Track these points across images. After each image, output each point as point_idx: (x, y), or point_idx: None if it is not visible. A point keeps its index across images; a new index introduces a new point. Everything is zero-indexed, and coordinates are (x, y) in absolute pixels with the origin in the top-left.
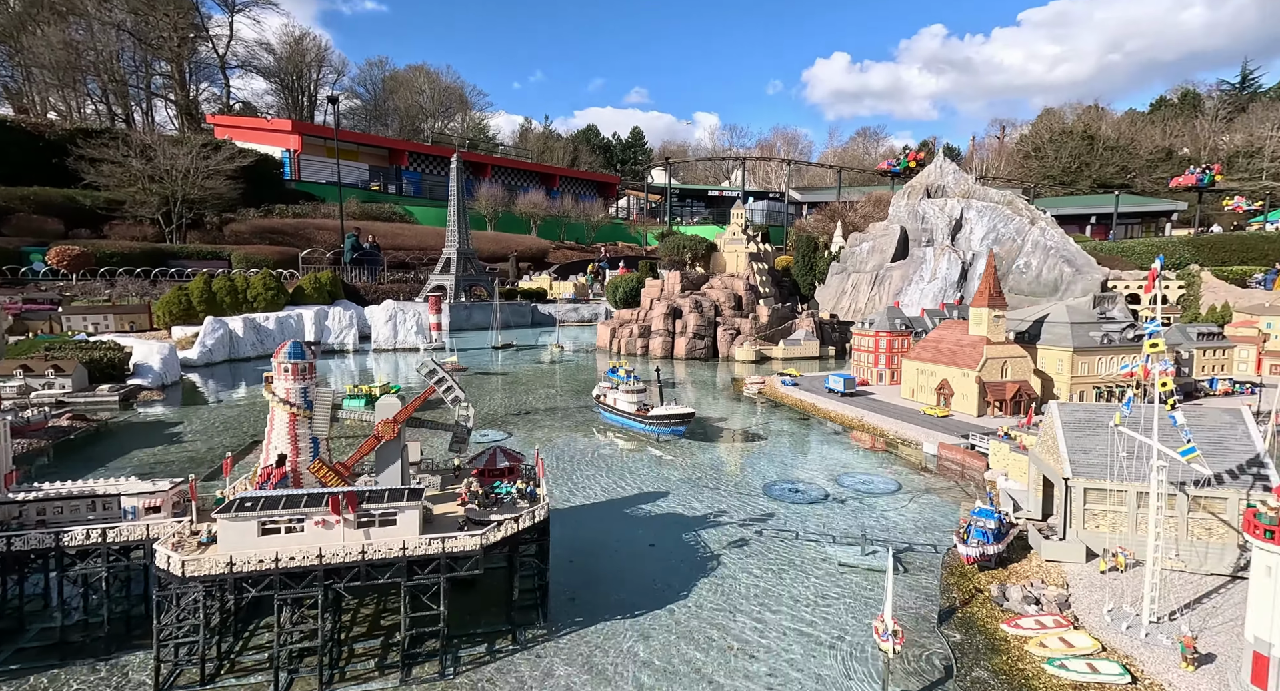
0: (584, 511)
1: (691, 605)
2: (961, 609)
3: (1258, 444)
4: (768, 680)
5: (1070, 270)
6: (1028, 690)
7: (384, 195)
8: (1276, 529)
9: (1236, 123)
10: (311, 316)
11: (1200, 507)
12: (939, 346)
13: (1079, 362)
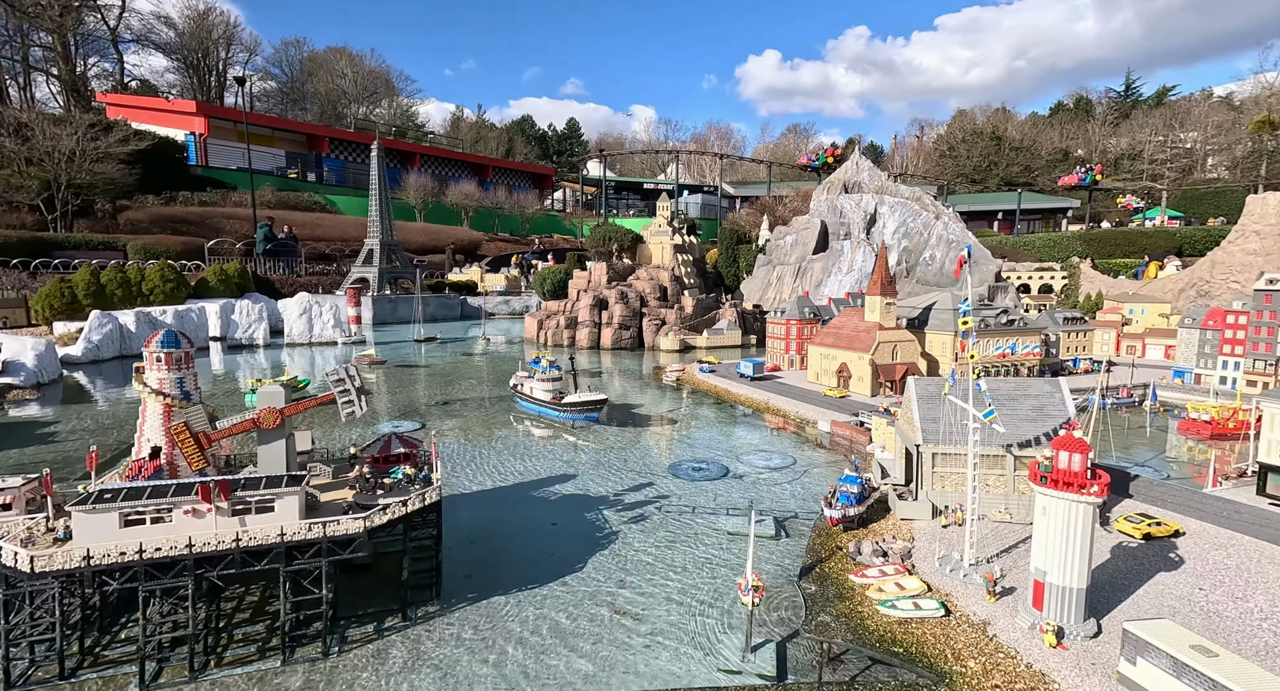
0: (492, 494)
1: (585, 576)
2: (821, 565)
3: (1070, 409)
4: (648, 638)
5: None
6: (862, 628)
7: (303, 183)
8: (1049, 475)
9: (1122, 127)
10: (216, 310)
11: (1024, 466)
12: (839, 332)
13: (960, 345)
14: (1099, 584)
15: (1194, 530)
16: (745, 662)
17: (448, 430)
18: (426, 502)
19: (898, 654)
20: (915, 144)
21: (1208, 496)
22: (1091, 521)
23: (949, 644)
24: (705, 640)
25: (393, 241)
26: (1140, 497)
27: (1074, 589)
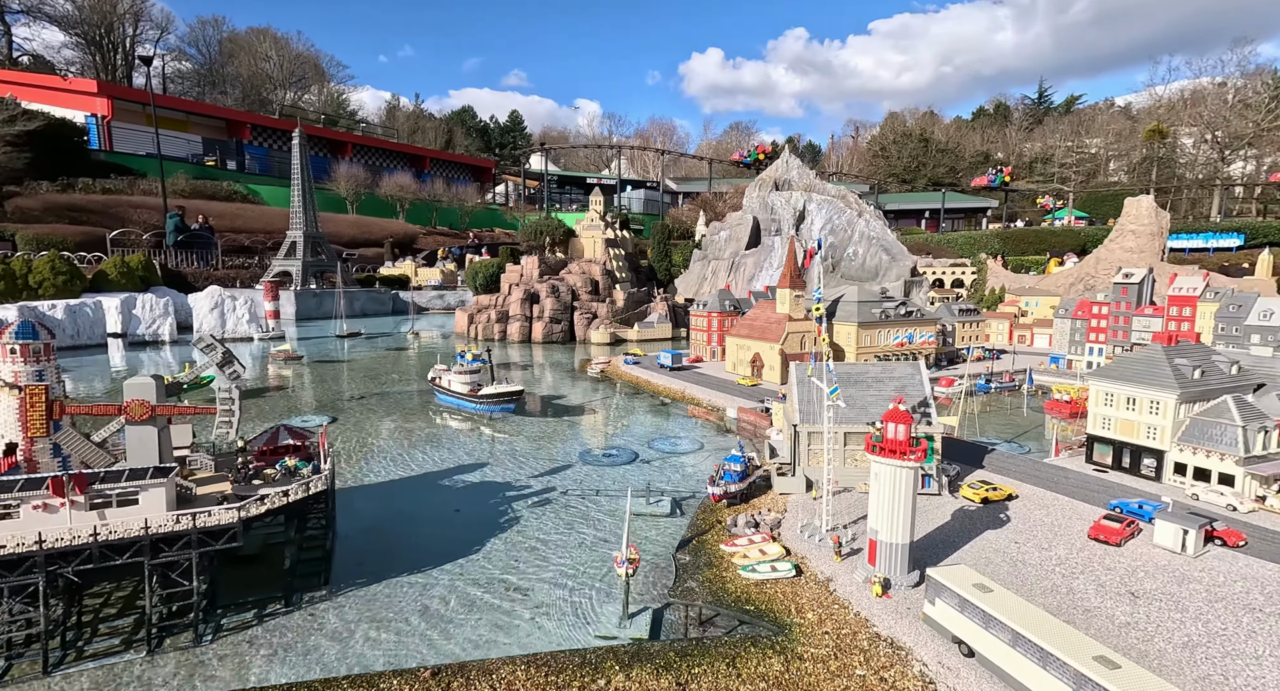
0: (400, 484)
1: (480, 558)
2: (699, 537)
3: (926, 389)
4: (533, 612)
5: (888, 258)
6: (723, 591)
7: (222, 172)
8: (878, 444)
9: (1035, 133)
10: (116, 304)
11: None
12: (753, 324)
13: (863, 335)
14: (936, 541)
15: (1027, 494)
16: (621, 628)
17: (361, 424)
18: (311, 492)
19: (749, 611)
20: (851, 144)
21: (1046, 465)
22: (913, 484)
23: (795, 599)
24: (589, 611)
25: (317, 234)
26: (991, 468)
27: (899, 544)
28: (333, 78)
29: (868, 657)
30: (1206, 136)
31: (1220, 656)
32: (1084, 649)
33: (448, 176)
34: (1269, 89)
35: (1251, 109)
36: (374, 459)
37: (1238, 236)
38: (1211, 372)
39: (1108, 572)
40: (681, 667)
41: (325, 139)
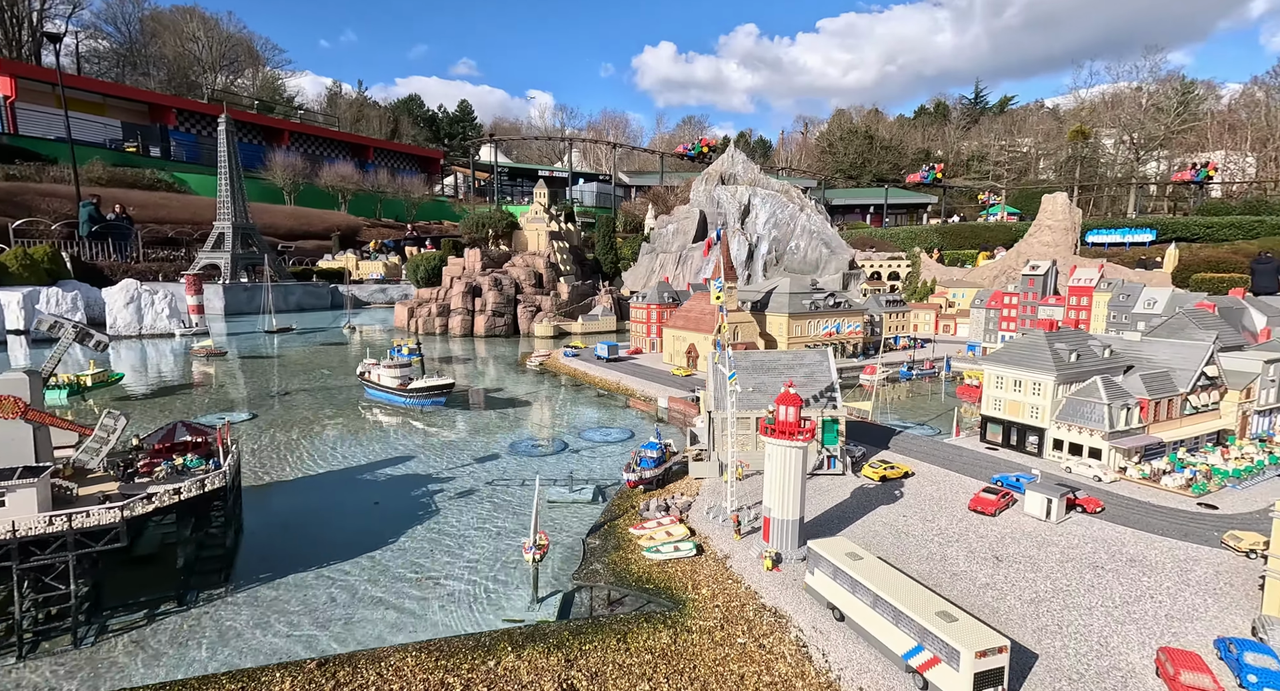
0: (320, 479)
1: (395, 550)
2: (611, 522)
3: (833, 375)
4: (443, 600)
5: (827, 251)
6: (626, 572)
7: (144, 158)
8: (771, 426)
9: (972, 131)
10: (18, 299)
11: None
12: (688, 315)
13: (794, 325)
14: (834, 517)
15: (924, 472)
16: (530, 612)
17: (283, 420)
18: (206, 490)
19: (649, 589)
20: (801, 140)
21: (946, 445)
22: (802, 463)
23: (693, 577)
24: (500, 597)
25: (248, 225)
26: (895, 449)
27: (790, 520)
28: (268, 62)
29: (751, 627)
30: (1124, 138)
31: (1060, 609)
32: (929, 606)
33: (393, 167)
34: (1177, 94)
35: (1163, 112)
36: (293, 455)
37: (1150, 232)
38: (1087, 356)
39: (980, 540)
40: (573, 645)
41: (260, 126)
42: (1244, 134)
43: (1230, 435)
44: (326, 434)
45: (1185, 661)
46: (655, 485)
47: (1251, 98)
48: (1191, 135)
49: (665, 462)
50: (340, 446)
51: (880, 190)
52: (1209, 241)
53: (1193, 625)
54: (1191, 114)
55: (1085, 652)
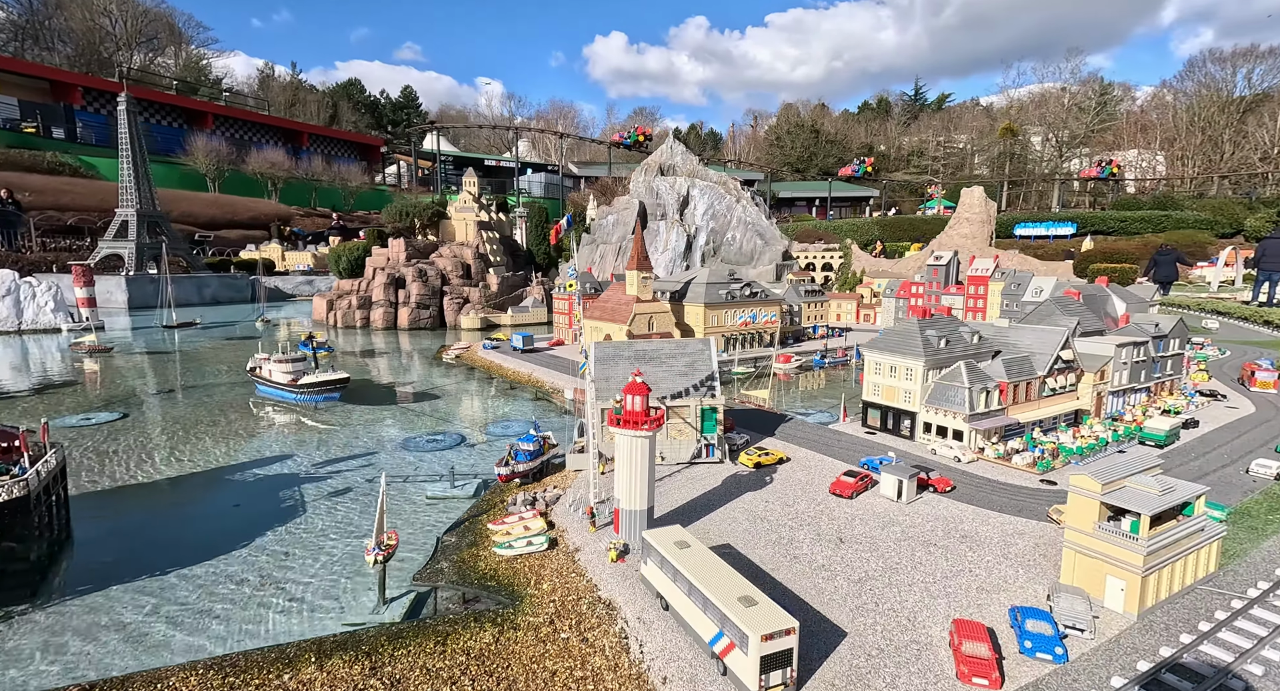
0: (180, 482)
1: (245, 554)
2: (475, 518)
3: (714, 365)
4: (284, 607)
5: (762, 242)
6: (471, 569)
7: (45, 140)
8: (619, 417)
9: (912, 127)
10: None
11: (676, 415)
12: (605, 306)
13: (709, 315)
14: (699, 505)
15: (800, 458)
16: (375, 614)
17: (155, 420)
18: (7, 498)
19: (489, 586)
20: (750, 133)
21: (830, 431)
22: (649, 453)
23: (539, 571)
24: (350, 600)
25: (154, 212)
26: (781, 436)
27: (638, 511)
28: (192, 40)
29: (580, 621)
30: (1049, 136)
31: (883, 587)
32: (733, 591)
33: (330, 154)
34: (1096, 95)
35: (1084, 112)
36: (156, 457)
37: (1072, 225)
38: (956, 342)
39: (830, 522)
40: (386, 651)
41: (180, 108)
42: (1154, 134)
43: (1085, 415)
44: (201, 433)
45: (969, 632)
46: (531, 479)
47: (1161, 100)
48: (1109, 134)
49: (542, 456)
50: (214, 447)
51: (825, 183)
52: (1123, 234)
53: (999, 596)
54: (1109, 114)
55: (892, 628)
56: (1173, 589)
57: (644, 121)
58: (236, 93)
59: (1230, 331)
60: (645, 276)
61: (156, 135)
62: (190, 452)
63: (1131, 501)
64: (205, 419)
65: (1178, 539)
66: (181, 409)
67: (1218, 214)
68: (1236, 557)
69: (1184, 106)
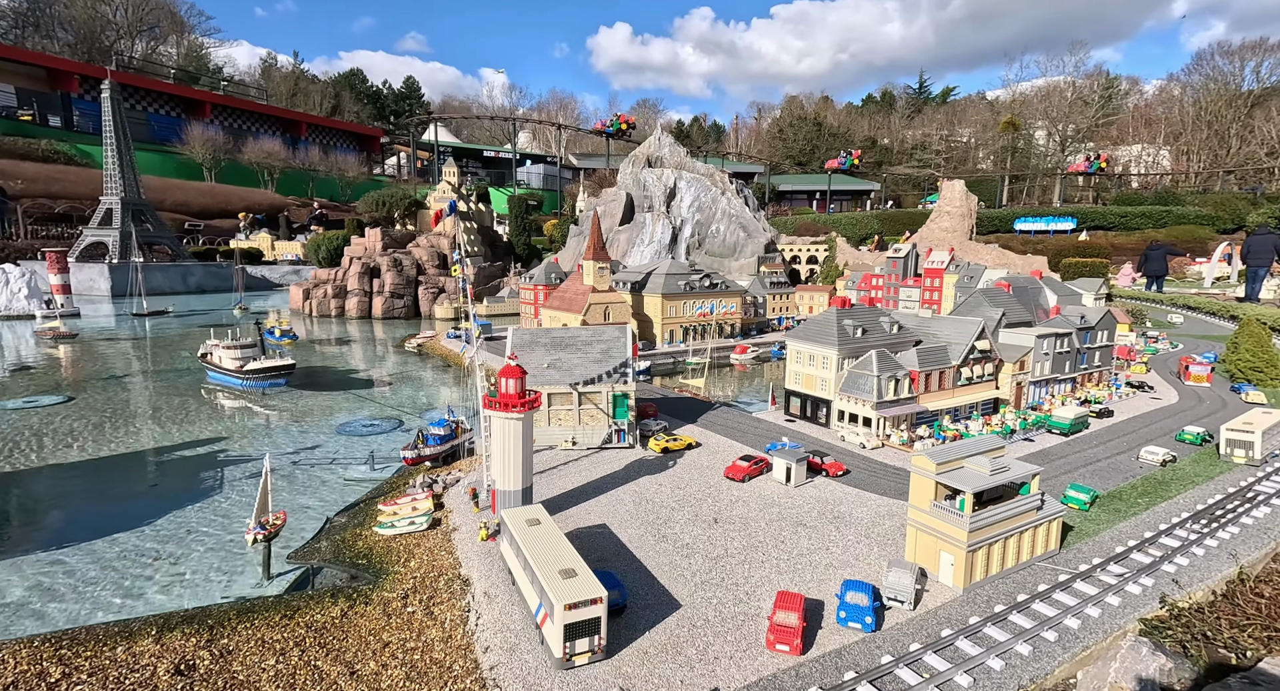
0: (103, 463)
1: (147, 531)
2: (373, 499)
3: (628, 351)
4: (171, 582)
5: (744, 235)
6: (349, 548)
7: (42, 128)
8: (494, 399)
9: (915, 120)
10: None
11: (588, 401)
12: (563, 296)
13: (668, 306)
14: (590, 488)
15: (712, 443)
16: (258, 589)
17: (99, 404)
18: None
19: (360, 564)
20: (754, 126)
21: (752, 418)
22: (522, 434)
23: (412, 550)
24: (238, 575)
25: (140, 201)
26: (702, 422)
27: (513, 491)
28: (194, 29)
29: (433, 596)
30: (1052, 130)
31: (737, 564)
32: (560, 565)
33: (329, 144)
34: (1101, 88)
35: (1088, 106)
36: (88, 439)
37: (1071, 220)
38: (875, 331)
39: (714, 504)
40: (230, 625)
41: (179, 97)
42: (1159, 128)
43: (1004, 403)
44: (141, 417)
45: (785, 603)
46: (441, 462)
47: (1168, 94)
48: (1113, 129)
49: (454, 441)
50: (148, 430)
51: (825, 177)
52: (1122, 230)
53: (845, 571)
54: (1113, 108)
55: (728, 601)
56: (1006, 564)
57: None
58: (236, 82)
59: (1194, 326)
60: (602, 266)
61: (154, 124)
62: (123, 435)
63: (959, 480)
64: (149, 403)
65: (1009, 516)
66: (130, 393)
67: (1220, 209)
68: (1087, 536)
69: (1191, 100)
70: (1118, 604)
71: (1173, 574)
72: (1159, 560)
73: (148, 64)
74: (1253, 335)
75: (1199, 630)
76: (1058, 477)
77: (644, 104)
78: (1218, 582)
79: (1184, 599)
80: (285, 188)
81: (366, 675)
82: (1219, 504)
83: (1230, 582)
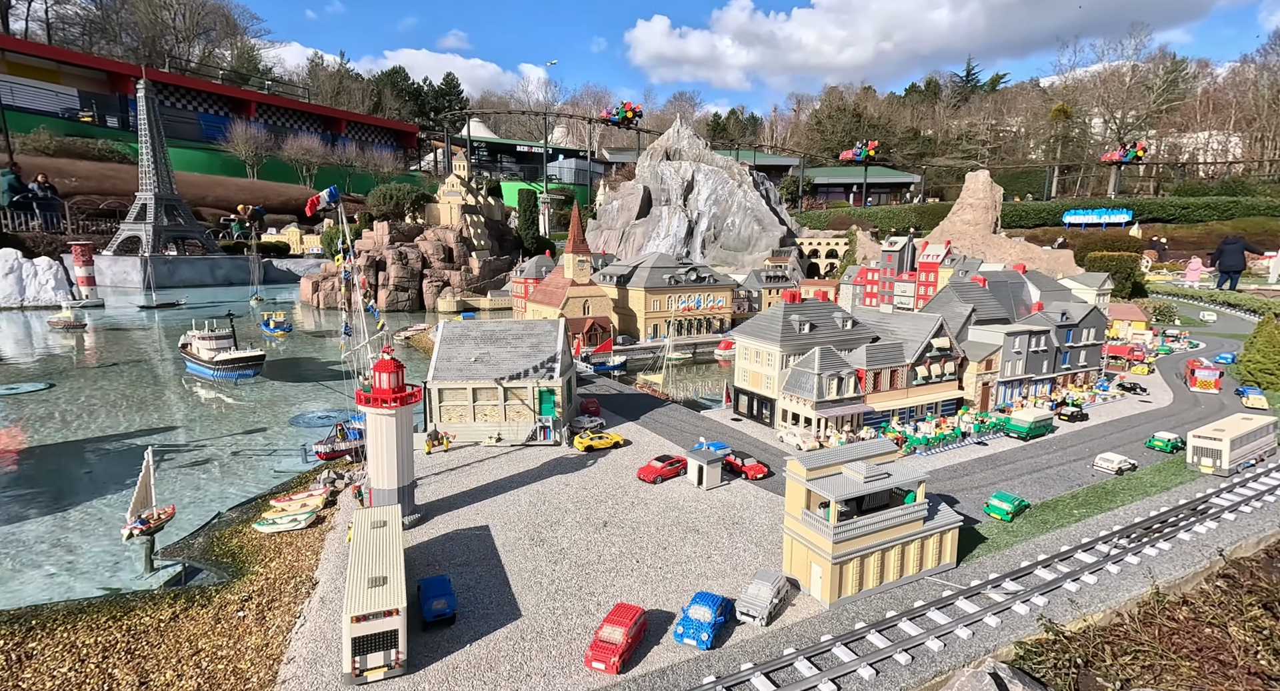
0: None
1: (60, 516)
2: (272, 494)
3: (558, 347)
4: (58, 570)
5: (759, 228)
6: (220, 546)
7: (99, 128)
8: (368, 394)
9: (961, 110)
10: None
11: (514, 396)
12: (546, 289)
13: (650, 300)
14: (496, 486)
15: (644, 442)
16: (138, 582)
17: (72, 391)
18: None
19: (224, 562)
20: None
21: (695, 416)
22: (396, 431)
23: (281, 549)
24: (126, 567)
25: (172, 196)
26: (645, 420)
27: (389, 489)
28: (246, 31)
29: (271, 598)
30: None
31: (604, 571)
32: (373, 572)
33: (366, 140)
34: (1168, 72)
35: (1150, 91)
36: (49, 425)
37: (1126, 212)
38: (826, 327)
39: (614, 506)
40: (48, 627)
41: (225, 97)
42: (1230, 114)
43: (966, 405)
44: (109, 405)
45: (618, 616)
46: (357, 457)
47: (1242, 77)
48: (1177, 115)
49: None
50: (110, 418)
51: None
52: (1184, 222)
53: (716, 582)
54: (1179, 93)
55: (574, 613)
56: (887, 578)
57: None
58: (284, 82)
59: (1228, 324)
60: (582, 259)
61: (204, 123)
62: (83, 423)
63: (828, 488)
64: (122, 393)
65: (886, 527)
66: (110, 382)
67: None
68: (998, 549)
69: (1267, 83)
70: (995, 625)
71: (1073, 593)
72: (1062, 577)
73: (202, 66)
74: (1268, 334)
75: (1076, 656)
76: (996, 484)
77: (680, 97)
78: (1125, 604)
79: (1079, 621)
80: (322, 183)
81: (158, 685)
82: (1160, 517)
83: (1143, 604)
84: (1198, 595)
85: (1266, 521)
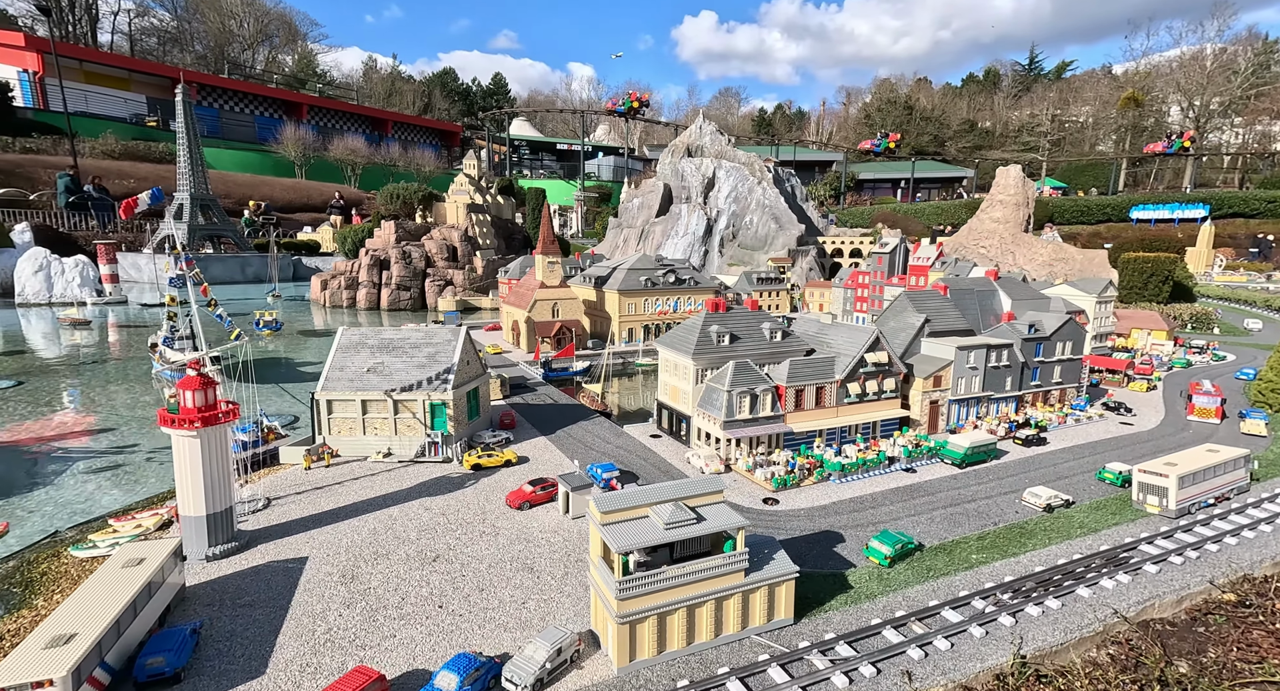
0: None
1: None
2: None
3: (455, 357)
4: None
5: (776, 226)
6: (24, 571)
7: (163, 132)
8: (173, 416)
9: (1023, 100)
10: None
11: (405, 409)
12: (520, 291)
13: (625, 303)
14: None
15: (544, 460)
16: None
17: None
18: None
19: (13, 593)
20: (842, 112)
21: (616, 433)
22: (202, 454)
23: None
24: None
25: (207, 195)
26: (556, 436)
27: (195, 517)
28: (306, 37)
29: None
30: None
31: (395, 619)
32: (70, 627)
33: (411, 140)
34: (1258, 54)
35: (1235, 75)
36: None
37: (1203, 207)
38: (749, 339)
39: (459, 537)
40: None
41: (279, 100)
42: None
43: (907, 426)
44: (61, 404)
45: (347, 683)
46: (245, 470)
47: None
48: (1265, 100)
49: (259, 448)
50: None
51: (909, 164)
52: (1270, 217)
53: (518, 635)
54: (1271, 76)
55: (330, 672)
56: (700, 637)
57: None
58: (336, 85)
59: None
60: (553, 261)
61: (259, 125)
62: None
63: (618, 536)
64: (86, 392)
65: (697, 579)
66: (80, 379)
67: None
68: (856, 602)
69: None
70: None
71: (915, 661)
72: (910, 641)
73: (266, 72)
74: None
75: None
76: (899, 520)
77: (726, 92)
78: (977, 676)
79: None
80: (367, 182)
81: None
82: (1065, 567)
83: (1000, 676)
84: (1078, 668)
85: (1195, 576)
